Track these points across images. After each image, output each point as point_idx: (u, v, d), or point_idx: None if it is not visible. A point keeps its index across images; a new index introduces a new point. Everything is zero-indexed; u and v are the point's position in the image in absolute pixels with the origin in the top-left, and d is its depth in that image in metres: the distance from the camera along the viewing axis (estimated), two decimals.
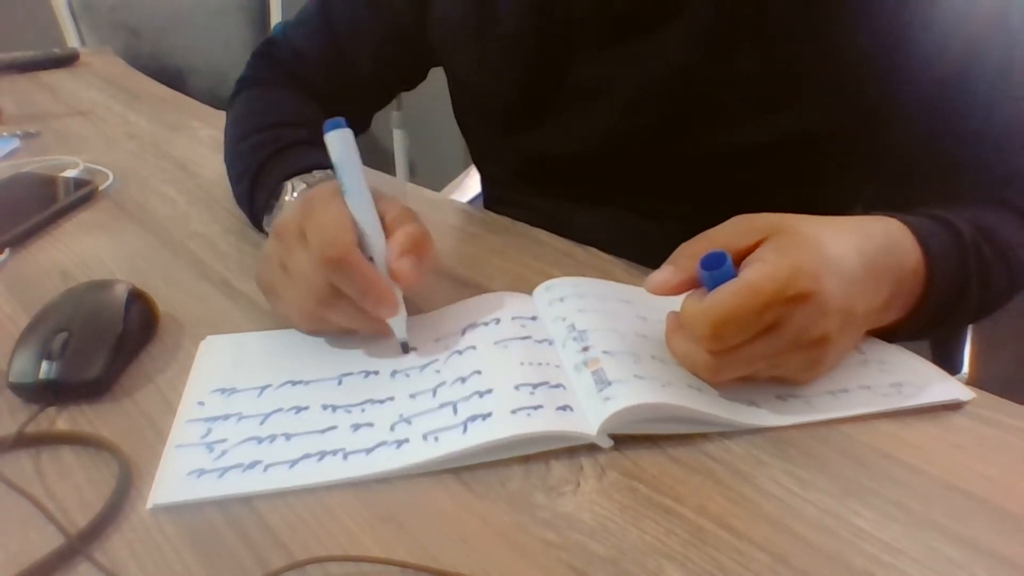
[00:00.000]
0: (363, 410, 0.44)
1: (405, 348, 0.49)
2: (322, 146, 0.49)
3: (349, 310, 0.47)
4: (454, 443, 0.40)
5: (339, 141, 0.48)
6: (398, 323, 0.48)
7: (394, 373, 0.47)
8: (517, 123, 0.70)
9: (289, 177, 0.59)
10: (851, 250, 0.44)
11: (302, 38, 0.77)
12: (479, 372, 0.45)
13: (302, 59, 0.76)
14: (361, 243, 0.47)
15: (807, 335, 0.42)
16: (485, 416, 0.41)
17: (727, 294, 0.40)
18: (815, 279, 0.41)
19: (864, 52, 0.56)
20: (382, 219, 0.49)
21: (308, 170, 0.59)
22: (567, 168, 0.70)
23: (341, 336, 0.50)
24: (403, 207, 0.51)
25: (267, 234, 0.61)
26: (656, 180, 0.66)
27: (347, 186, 0.48)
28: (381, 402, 0.45)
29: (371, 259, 0.47)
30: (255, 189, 0.63)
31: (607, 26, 0.63)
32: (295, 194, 0.58)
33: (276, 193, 0.60)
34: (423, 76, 0.80)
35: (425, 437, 0.41)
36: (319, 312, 0.47)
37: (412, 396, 0.45)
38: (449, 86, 0.77)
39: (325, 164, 0.58)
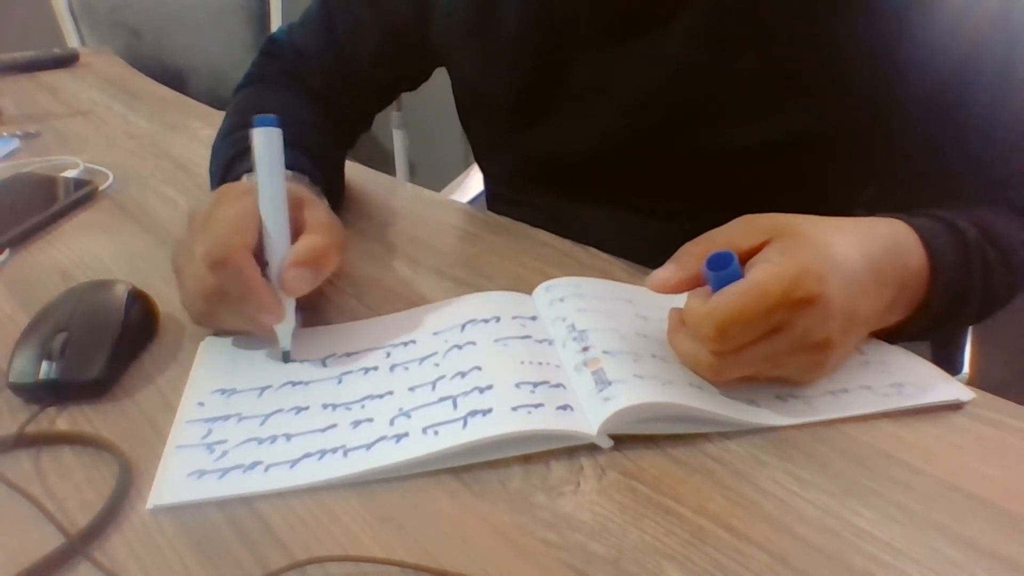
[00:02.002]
0: (363, 406, 0.44)
1: (286, 358, 0.48)
2: (297, 147, 0.48)
3: (233, 309, 0.47)
4: (454, 437, 0.40)
5: (264, 138, 0.48)
6: (282, 331, 0.48)
7: (393, 367, 0.47)
8: (519, 122, 0.70)
9: (250, 171, 0.58)
10: (856, 252, 0.44)
11: (304, 38, 0.77)
12: (479, 368, 0.45)
13: (303, 59, 0.76)
14: (264, 245, 0.47)
15: (811, 338, 0.42)
16: (485, 412, 0.41)
17: (733, 295, 0.40)
18: (821, 281, 0.41)
19: (865, 51, 0.56)
20: (302, 226, 0.49)
21: None
22: (569, 167, 0.70)
23: (341, 332, 0.50)
24: (327, 219, 0.51)
25: None
26: (657, 179, 0.66)
27: (261, 185, 0.48)
28: (380, 396, 0.45)
29: (267, 263, 0.47)
30: (224, 182, 0.62)
31: (608, 25, 0.63)
32: None
33: None
34: (426, 76, 0.80)
35: (425, 431, 0.41)
36: (206, 307, 0.47)
37: (411, 389, 0.45)
38: (452, 85, 0.77)
39: (290, 166, 0.58)
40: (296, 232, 0.49)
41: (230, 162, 0.63)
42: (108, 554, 0.36)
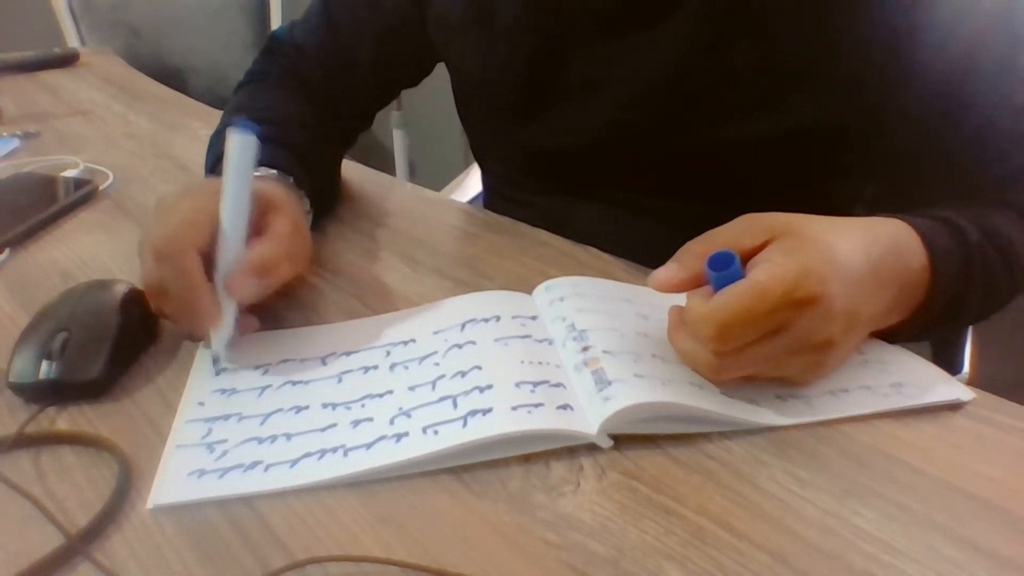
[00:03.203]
0: (363, 405, 0.44)
1: (215, 363, 0.48)
2: (284, 146, 0.48)
3: (174, 306, 0.48)
4: (454, 437, 0.40)
5: (238, 143, 0.48)
6: (217, 336, 0.47)
7: (393, 366, 0.47)
8: (517, 117, 0.70)
9: None
10: (858, 252, 0.44)
11: (305, 36, 0.77)
12: (479, 367, 0.45)
13: (304, 57, 0.76)
14: (217, 247, 0.47)
15: (812, 338, 0.42)
16: (485, 411, 0.41)
17: (734, 295, 0.40)
18: (822, 282, 0.41)
19: (865, 48, 0.56)
20: (265, 229, 0.50)
21: (262, 166, 0.59)
22: (567, 162, 0.70)
23: (340, 334, 0.50)
24: (288, 229, 0.51)
25: None
26: (657, 175, 0.66)
27: (226, 188, 0.48)
28: (380, 396, 0.45)
29: (216, 265, 0.48)
30: (211, 175, 0.63)
31: (607, 19, 0.63)
32: None
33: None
34: (426, 72, 0.80)
35: (425, 431, 0.41)
36: (151, 295, 0.49)
37: (411, 389, 0.45)
38: (451, 80, 0.77)
39: (276, 164, 0.58)
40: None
41: (217, 160, 0.63)
42: (108, 554, 0.36)
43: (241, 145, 0.48)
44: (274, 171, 0.58)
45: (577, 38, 0.64)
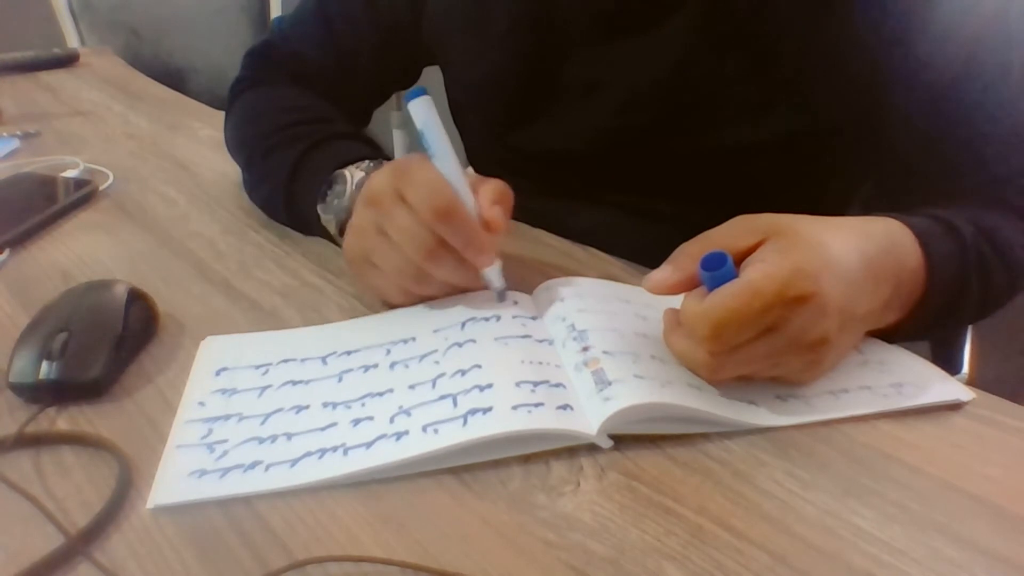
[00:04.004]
0: (363, 404, 0.44)
1: (502, 296, 0.51)
2: (361, 139, 0.48)
3: (451, 263, 0.48)
4: (454, 436, 0.40)
5: (422, 107, 0.50)
6: (495, 271, 0.50)
7: (393, 365, 0.47)
8: (512, 120, 0.70)
9: (343, 166, 0.58)
10: (852, 251, 0.44)
11: (300, 39, 0.77)
12: (479, 366, 0.45)
13: (300, 60, 0.76)
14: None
15: (807, 336, 0.42)
16: (486, 410, 0.41)
17: (728, 295, 0.40)
18: (816, 280, 0.41)
19: (861, 52, 0.56)
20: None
21: (359, 160, 0.59)
22: (563, 166, 0.70)
23: (341, 333, 0.51)
24: (473, 173, 0.53)
25: (307, 228, 0.63)
26: (653, 178, 0.66)
27: (434, 149, 0.50)
28: (380, 394, 0.45)
29: None
30: (294, 181, 0.62)
31: (601, 24, 0.63)
32: (355, 181, 0.57)
33: (329, 181, 0.58)
34: (417, 75, 0.80)
35: (424, 429, 0.41)
36: (424, 267, 0.48)
37: (411, 387, 0.45)
38: (445, 82, 0.77)
39: (372, 157, 0.59)
40: None
41: (300, 161, 0.62)
42: (108, 554, 0.36)
43: (425, 106, 0.50)
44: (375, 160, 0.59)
45: (573, 42, 0.64)
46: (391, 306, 0.53)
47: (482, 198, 0.49)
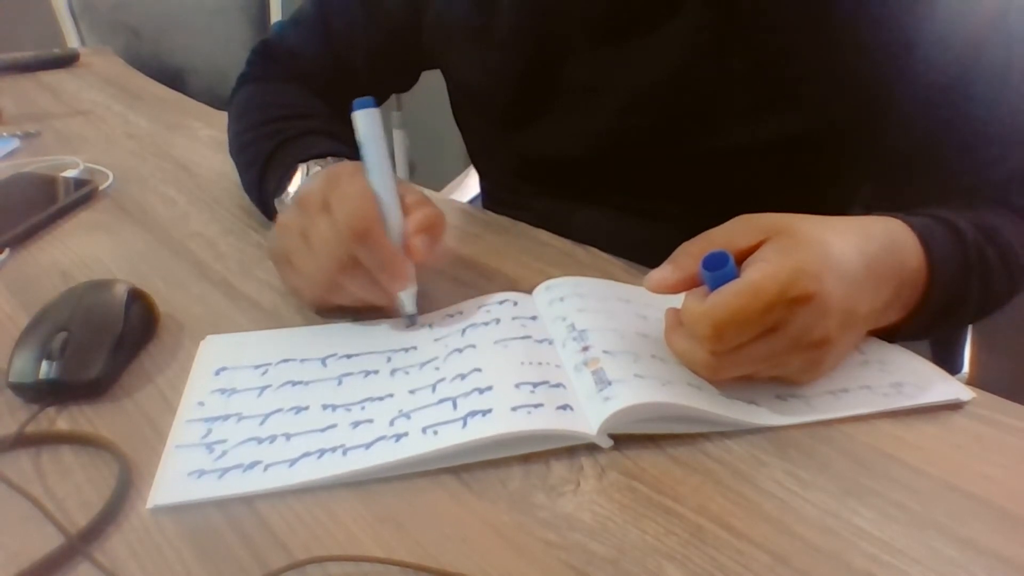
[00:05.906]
0: (363, 408, 0.44)
1: (412, 321, 0.51)
2: (334, 137, 0.49)
3: (364, 280, 0.48)
4: (453, 437, 0.40)
5: (365, 119, 0.50)
6: (408, 296, 0.50)
7: (394, 371, 0.47)
8: (514, 122, 0.70)
9: (303, 161, 0.59)
10: (853, 250, 0.44)
11: (299, 39, 0.77)
12: (479, 370, 0.45)
13: (299, 60, 0.76)
14: (382, 218, 0.49)
15: (808, 336, 0.42)
16: (485, 412, 0.41)
17: (729, 295, 0.40)
18: (817, 280, 0.41)
19: (864, 52, 0.56)
20: (400, 200, 0.50)
21: (322, 156, 0.60)
22: (565, 168, 0.70)
23: (341, 334, 0.50)
24: (420, 193, 0.53)
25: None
26: (654, 180, 0.66)
27: (371, 164, 0.50)
28: (380, 399, 0.45)
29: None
30: (266, 173, 0.63)
31: (603, 27, 0.63)
32: (310, 175, 0.58)
33: (289, 176, 0.60)
34: (416, 79, 0.80)
35: (424, 431, 0.41)
36: (336, 279, 0.48)
37: (411, 392, 0.45)
38: (447, 86, 0.77)
39: (339, 153, 0.59)
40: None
41: (272, 153, 0.63)
42: (108, 554, 0.36)
43: (370, 118, 0.50)
44: (341, 158, 0.59)
45: (574, 46, 0.64)
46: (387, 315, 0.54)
47: (411, 222, 0.50)
